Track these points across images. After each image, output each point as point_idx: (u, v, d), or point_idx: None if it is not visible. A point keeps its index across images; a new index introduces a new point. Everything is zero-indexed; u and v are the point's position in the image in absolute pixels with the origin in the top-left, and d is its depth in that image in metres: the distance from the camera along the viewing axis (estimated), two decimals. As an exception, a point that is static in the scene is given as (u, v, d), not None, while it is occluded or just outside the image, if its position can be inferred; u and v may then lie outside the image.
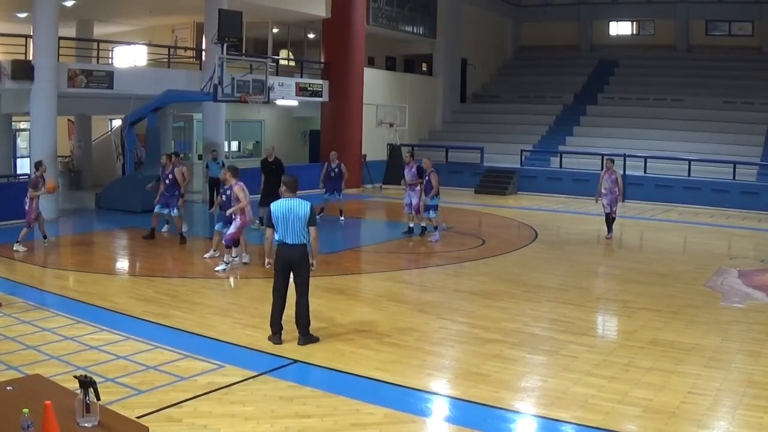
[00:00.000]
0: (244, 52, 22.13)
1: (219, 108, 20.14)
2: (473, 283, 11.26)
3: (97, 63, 19.53)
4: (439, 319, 9.12)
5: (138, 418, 5.64)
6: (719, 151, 23.40)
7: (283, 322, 7.95)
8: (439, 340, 8.32)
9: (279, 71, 23.06)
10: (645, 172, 23.01)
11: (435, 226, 14.76)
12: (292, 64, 25.68)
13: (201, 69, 20.80)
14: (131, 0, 21.04)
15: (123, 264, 13.06)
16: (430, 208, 14.55)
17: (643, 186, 22.51)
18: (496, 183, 24.69)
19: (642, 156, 23.20)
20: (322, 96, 24.19)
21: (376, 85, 26.03)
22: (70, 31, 22.01)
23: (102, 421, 3.80)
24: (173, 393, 6.39)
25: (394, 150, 25.95)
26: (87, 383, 3.80)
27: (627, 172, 21.93)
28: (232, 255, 11.66)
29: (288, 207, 7.74)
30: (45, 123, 16.31)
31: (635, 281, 11.56)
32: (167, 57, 21.09)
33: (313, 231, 7.79)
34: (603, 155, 19.15)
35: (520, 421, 6.18)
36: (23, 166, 20.80)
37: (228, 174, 11.64)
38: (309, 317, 7.96)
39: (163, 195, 14.08)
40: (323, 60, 24.95)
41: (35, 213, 12.95)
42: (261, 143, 25.44)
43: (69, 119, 24.06)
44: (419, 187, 14.87)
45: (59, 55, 16.82)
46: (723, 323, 9.10)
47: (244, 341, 8.02)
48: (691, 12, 31.57)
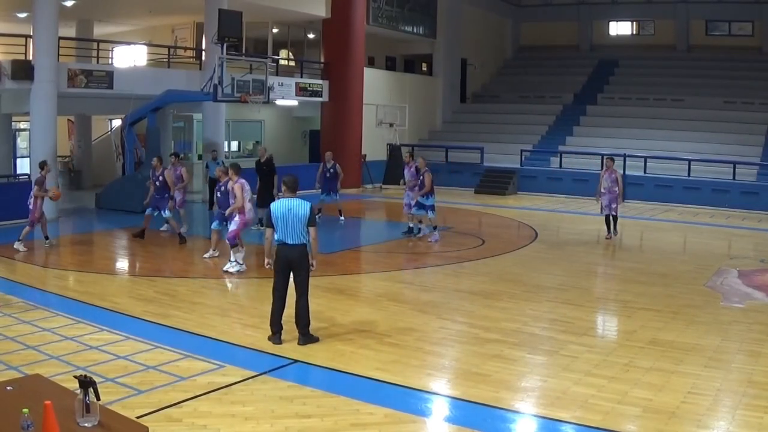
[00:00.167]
0: (244, 52, 22.14)
1: (219, 108, 20.14)
2: (473, 283, 11.26)
3: (97, 63, 19.52)
4: (439, 319, 9.12)
5: (138, 418, 5.64)
6: (719, 151, 23.40)
7: (283, 322, 7.96)
8: (439, 340, 8.32)
9: (279, 71, 23.06)
10: (645, 172, 23.02)
11: (434, 226, 14.77)
12: (292, 64, 25.69)
13: (201, 69, 20.79)
14: (131, 0, 21.04)
15: (123, 264, 13.06)
16: (428, 208, 14.55)
17: (643, 186, 22.52)
18: (496, 183, 24.69)
19: (642, 156, 23.20)
20: (322, 96, 24.19)
21: (376, 85, 26.02)
22: (70, 31, 22.01)
23: (102, 421, 3.80)
24: (173, 393, 6.40)
25: (393, 150, 25.96)
26: (87, 383, 3.80)
27: (627, 172, 21.92)
28: (239, 252, 11.55)
29: (288, 207, 7.75)
30: (45, 123, 16.31)
31: (635, 281, 11.56)
32: (167, 57, 21.08)
33: (313, 231, 7.81)
34: (603, 155, 19.15)
35: (520, 421, 6.19)
36: (23, 166, 20.80)
37: (231, 171, 11.54)
38: (309, 317, 7.96)
39: (154, 197, 14.11)
40: (323, 60, 24.95)
41: (39, 212, 12.93)
42: (261, 143, 25.44)
43: (69, 119, 24.08)
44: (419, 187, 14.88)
45: (59, 55, 16.82)
46: (723, 323, 9.10)
47: (244, 341, 8.02)
48: (691, 12, 31.55)
